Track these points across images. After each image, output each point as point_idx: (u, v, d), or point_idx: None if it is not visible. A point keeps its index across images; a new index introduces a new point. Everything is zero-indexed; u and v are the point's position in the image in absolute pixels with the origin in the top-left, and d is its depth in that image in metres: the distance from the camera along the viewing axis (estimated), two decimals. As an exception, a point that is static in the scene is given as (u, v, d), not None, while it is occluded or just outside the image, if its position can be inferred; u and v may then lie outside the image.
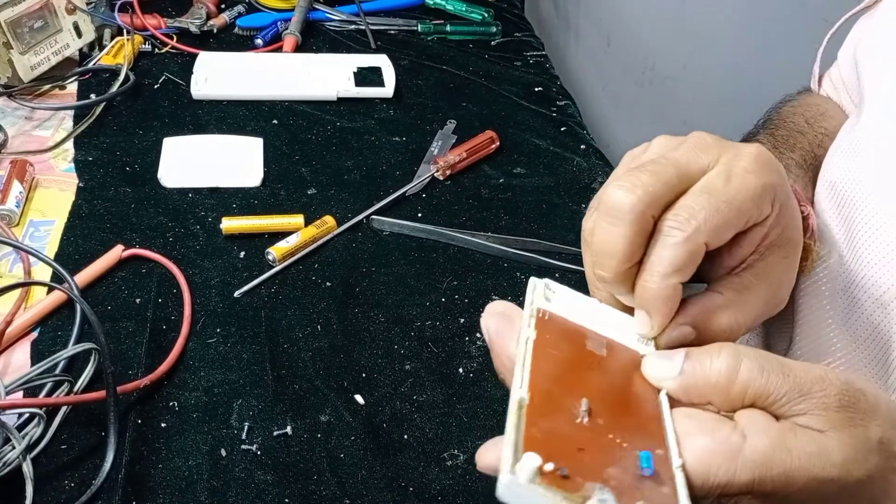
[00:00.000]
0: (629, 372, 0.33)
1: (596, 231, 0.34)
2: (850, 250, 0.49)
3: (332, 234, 0.63)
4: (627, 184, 0.33)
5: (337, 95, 0.79)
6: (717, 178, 0.33)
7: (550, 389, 0.31)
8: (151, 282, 0.58)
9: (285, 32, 0.87)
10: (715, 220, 0.33)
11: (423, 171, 0.71)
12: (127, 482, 0.45)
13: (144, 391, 0.50)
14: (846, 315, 0.49)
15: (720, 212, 0.33)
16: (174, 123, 0.73)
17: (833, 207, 0.52)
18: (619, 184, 0.33)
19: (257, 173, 0.68)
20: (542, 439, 0.29)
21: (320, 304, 0.58)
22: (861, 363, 0.48)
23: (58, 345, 0.52)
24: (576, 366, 0.33)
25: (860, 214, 0.49)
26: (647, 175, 0.34)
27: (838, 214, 0.51)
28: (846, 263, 0.49)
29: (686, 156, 0.35)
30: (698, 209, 0.33)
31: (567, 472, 0.27)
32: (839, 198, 0.51)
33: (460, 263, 0.63)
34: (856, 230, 0.49)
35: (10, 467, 0.42)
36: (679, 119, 0.78)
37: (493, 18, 0.96)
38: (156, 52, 0.82)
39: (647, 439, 0.30)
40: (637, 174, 0.34)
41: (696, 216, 0.32)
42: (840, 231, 0.50)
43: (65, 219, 0.62)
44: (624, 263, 0.33)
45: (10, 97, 0.72)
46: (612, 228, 0.33)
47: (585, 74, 1.37)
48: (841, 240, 0.50)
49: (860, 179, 0.49)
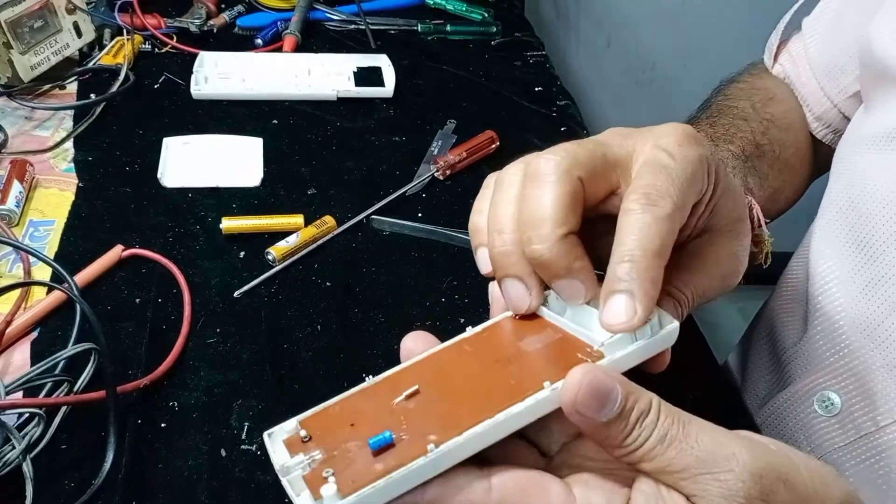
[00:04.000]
0: (536, 369, 0.33)
1: (524, 201, 0.33)
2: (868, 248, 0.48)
3: (332, 234, 0.63)
4: (548, 153, 0.33)
5: (337, 95, 0.79)
6: (662, 155, 0.33)
7: (411, 376, 0.33)
8: (151, 282, 0.58)
9: (285, 32, 0.87)
10: (682, 199, 0.32)
11: (423, 171, 0.71)
12: (127, 482, 0.45)
13: (144, 391, 0.50)
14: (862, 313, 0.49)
15: (683, 189, 0.32)
16: (174, 123, 0.73)
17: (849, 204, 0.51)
18: (541, 154, 0.33)
19: (257, 173, 0.68)
20: (335, 412, 0.32)
21: (320, 304, 0.58)
22: (876, 364, 0.48)
23: (58, 345, 0.52)
24: (469, 360, 0.34)
25: (883, 213, 0.48)
26: (569, 144, 0.33)
27: (854, 211, 0.50)
28: (864, 263, 0.49)
29: (604, 137, 0.35)
30: (665, 186, 0.32)
31: (310, 437, 0.31)
32: (857, 194, 0.50)
33: (460, 263, 0.63)
34: (876, 229, 0.48)
35: (10, 467, 0.42)
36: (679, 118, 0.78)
37: (493, 18, 0.96)
38: (156, 52, 0.82)
39: (434, 426, 0.30)
40: (556, 147, 0.33)
41: (667, 193, 0.32)
42: (855, 228, 0.50)
43: (65, 219, 0.62)
44: (558, 227, 0.32)
45: (10, 97, 0.72)
46: (539, 192, 0.32)
47: (585, 74, 1.37)
48: (857, 237, 0.49)
49: (889, 176, 0.48)
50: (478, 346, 0.34)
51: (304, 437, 0.31)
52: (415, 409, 0.31)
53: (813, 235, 0.55)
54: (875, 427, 0.48)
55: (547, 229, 0.31)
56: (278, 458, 0.30)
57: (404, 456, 0.29)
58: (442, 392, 0.32)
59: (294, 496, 0.29)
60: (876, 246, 0.48)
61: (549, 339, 0.34)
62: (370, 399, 0.33)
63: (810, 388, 0.52)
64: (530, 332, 0.35)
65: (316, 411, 0.32)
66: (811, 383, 0.52)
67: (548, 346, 0.34)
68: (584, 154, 0.33)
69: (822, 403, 0.51)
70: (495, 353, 0.34)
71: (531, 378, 0.31)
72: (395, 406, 0.31)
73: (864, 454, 0.49)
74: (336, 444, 0.30)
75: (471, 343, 0.35)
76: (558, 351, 0.33)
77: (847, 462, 0.50)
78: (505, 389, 0.31)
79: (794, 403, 0.54)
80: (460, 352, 0.34)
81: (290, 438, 0.31)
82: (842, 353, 0.50)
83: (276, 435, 0.32)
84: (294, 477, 0.30)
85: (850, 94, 0.59)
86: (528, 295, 0.34)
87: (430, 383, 0.32)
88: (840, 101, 0.60)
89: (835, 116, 0.61)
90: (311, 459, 0.30)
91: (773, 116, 0.61)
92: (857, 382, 0.49)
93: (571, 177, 0.32)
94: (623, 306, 0.31)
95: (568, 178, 0.32)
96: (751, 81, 0.65)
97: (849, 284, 0.50)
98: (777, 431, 0.55)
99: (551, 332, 0.34)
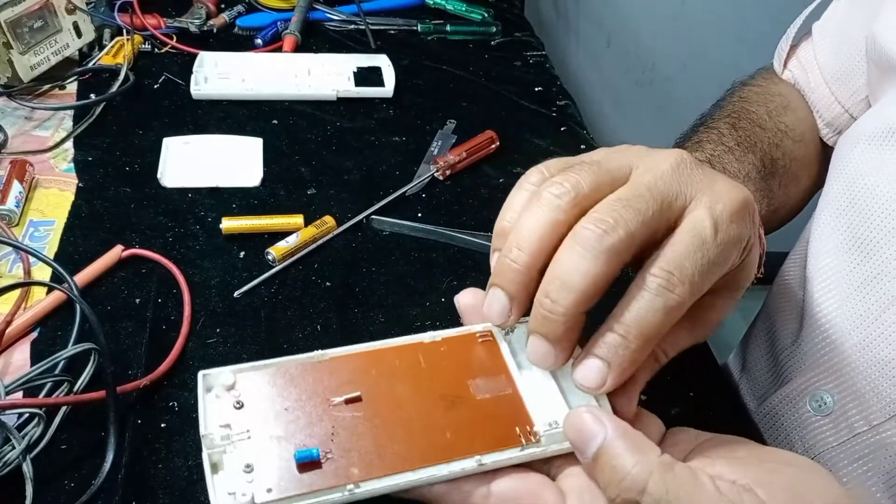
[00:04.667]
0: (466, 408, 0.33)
1: (562, 255, 0.32)
2: (867, 245, 0.48)
3: (332, 234, 0.63)
4: (607, 215, 0.32)
5: (337, 95, 0.79)
6: (706, 226, 0.32)
7: (358, 371, 0.34)
8: (151, 282, 0.58)
9: (285, 32, 0.87)
10: (702, 284, 0.31)
11: (423, 171, 0.71)
12: (127, 482, 0.45)
13: (144, 391, 0.50)
14: (855, 312, 0.49)
15: (709, 273, 0.31)
16: (174, 123, 0.73)
17: (847, 202, 0.51)
18: (598, 211, 0.32)
19: (257, 173, 0.68)
20: (273, 379, 0.32)
21: (320, 304, 0.58)
22: (868, 363, 0.48)
23: (58, 345, 0.52)
24: (418, 382, 0.34)
25: (880, 210, 0.48)
26: (631, 201, 0.32)
27: (853, 208, 0.50)
28: (860, 261, 0.48)
29: (667, 179, 0.33)
30: (691, 271, 0.31)
31: (242, 404, 0.31)
32: (856, 191, 0.50)
33: (460, 263, 0.63)
34: (873, 226, 0.48)
35: (10, 467, 0.42)
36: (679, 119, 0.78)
37: (493, 18, 0.96)
38: (155, 52, 0.82)
39: (360, 457, 0.31)
40: (617, 202, 0.32)
41: (689, 279, 0.31)
42: (852, 226, 0.50)
43: (64, 219, 0.62)
44: (581, 304, 0.31)
45: (9, 97, 0.72)
46: (580, 261, 0.31)
47: (585, 74, 1.37)
48: (856, 235, 0.49)
49: (888, 172, 0.48)
50: (432, 362, 0.34)
51: (236, 403, 0.31)
52: (349, 423, 0.32)
53: (811, 234, 0.55)
54: (868, 426, 0.48)
55: (570, 299, 0.31)
56: (208, 422, 0.31)
57: (323, 483, 0.29)
58: (379, 412, 0.32)
59: (208, 472, 0.29)
60: (873, 243, 0.47)
61: (499, 390, 0.34)
62: (312, 379, 0.33)
63: (804, 388, 0.52)
64: (484, 370, 0.35)
65: (255, 369, 0.33)
66: (805, 383, 0.52)
67: (494, 401, 0.34)
68: (643, 230, 0.31)
69: (815, 403, 0.51)
70: (444, 386, 0.34)
71: (465, 440, 0.32)
72: (331, 407, 0.32)
73: (857, 453, 0.49)
74: (264, 430, 0.31)
75: (427, 355, 0.35)
76: (501, 414, 0.33)
77: (841, 461, 0.50)
78: (438, 441, 0.32)
79: (788, 403, 0.54)
80: (414, 364, 0.34)
81: (223, 397, 0.32)
82: (835, 352, 0.50)
83: (213, 385, 0.32)
84: (215, 451, 0.30)
85: (860, 98, 0.59)
86: (507, 315, 0.34)
87: (372, 394, 0.33)
88: (851, 106, 0.60)
89: (846, 122, 0.61)
90: (238, 437, 0.30)
91: (787, 127, 0.60)
92: (850, 381, 0.49)
93: (619, 261, 0.31)
94: (597, 372, 0.32)
95: (615, 261, 0.31)
96: (765, 86, 0.64)
97: (844, 283, 0.50)
98: (772, 431, 0.55)
99: (504, 381, 0.34)
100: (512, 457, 0.32)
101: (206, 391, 0.32)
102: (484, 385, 0.34)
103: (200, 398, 0.31)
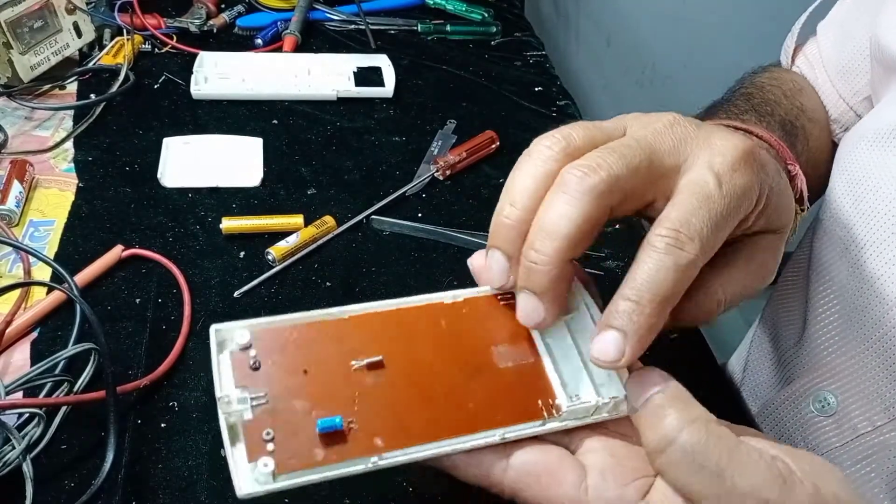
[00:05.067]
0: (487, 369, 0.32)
1: (546, 205, 0.31)
2: (871, 246, 0.48)
3: (332, 234, 0.63)
4: (591, 161, 0.31)
5: (337, 95, 0.79)
6: (709, 180, 0.31)
7: (379, 330, 0.32)
8: (151, 282, 0.58)
9: (285, 32, 0.87)
10: (714, 239, 0.31)
11: (423, 171, 0.71)
12: (127, 482, 0.45)
13: (144, 391, 0.50)
14: (858, 313, 0.49)
15: (719, 227, 0.30)
16: (174, 123, 0.73)
17: (850, 202, 0.50)
18: (585, 160, 0.31)
19: (257, 173, 0.68)
20: (291, 337, 0.31)
21: (320, 304, 0.57)
22: (871, 364, 0.48)
23: (58, 345, 0.52)
24: (440, 347, 0.33)
25: (884, 210, 0.48)
26: (618, 149, 0.31)
27: (856, 209, 0.50)
28: (864, 262, 0.48)
29: (658, 136, 0.32)
30: (699, 226, 0.30)
31: (259, 364, 0.30)
32: (859, 191, 0.50)
33: (460, 263, 0.63)
34: (877, 226, 0.48)
35: (10, 467, 0.42)
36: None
37: (493, 18, 0.96)
38: (156, 52, 0.82)
39: (384, 425, 0.30)
40: (604, 151, 0.31)
41: (698, 234, 0.30)
42: (856, 226, 0.49)
43: (64, 219, 0.62)
44: (565, 251, 0.31)
45: (9, 97, 0.72)
46: (563, 206, 0.31)
47: (585, 74, 1.37)
48: (859, 236, 0.49)
49: (892, 173, 0.47)
50: (453, 325, 0.33)
51: (252, 362, 0.30)
52: (371, 389, 0.31)
53: (814, 233, 0.55)
54: (871, 427, 0.48)
55: (553, 247, 0.30)
56: (224, 383, 0.30)
57: (347, 453, 0.29)
58: (402, 379, 0.31)
59: (228, 443, 0.28)
60: (877, 244, 0.47)
61: (521, 359, 0.33)
62: (331, 339, 0.31)
63: (807, 389, 0.52)
64: (506, 334, 0.34)
65: (272, 325, 0.31)
66: (808, 383, 0.52)
67: (517, 370, 0.33)
68: (627, 174, 0.31)
69: (819, 403, 0.51)
70: (466, 352, 0.33)
71: (488, 411, 0.31)
72: (352, 372, 0.31)
73: (860, 454, 0.49)
74: (284, 395, 0.30)
75: (448, 317, 0.33)
76: (523, 385, 0.33)
77: (844, 462, 0.50)
78: (460, 412, 0.31)
79: (791, 403, 0.54)
80: (436, 326, 0.33)
81: (238, 354, 0.30)
82: (838, 353, 0.50)
83: (226, 341, 0.31)
84: (234, 416, 0.29)
85: (864, 97, 0.59)
86: (507, 276, 0.33)
87: (394, 359, 0.32)
88: (855, 104, 0.60)
89: (851, 119, 0.61)
90: (256, 401, 0.29)
91: (804, 106, 0.59)
92: (853, 382, 0.49)
93: (602, 203, 0.30)
94: (614, 345, 0.30)
95: (598, 204, 0.30)
96: (776, 73, 0.63)
97: (847, 283, 0.49)
98: (776, 431, 0.55)
99: (526, 349, 0.34)
100: (534, 431, 0.31)
101: (219, 350, 0.30)
102: (506, 353, 0.33)
103: (214, 357, 0.30)
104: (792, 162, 0.42)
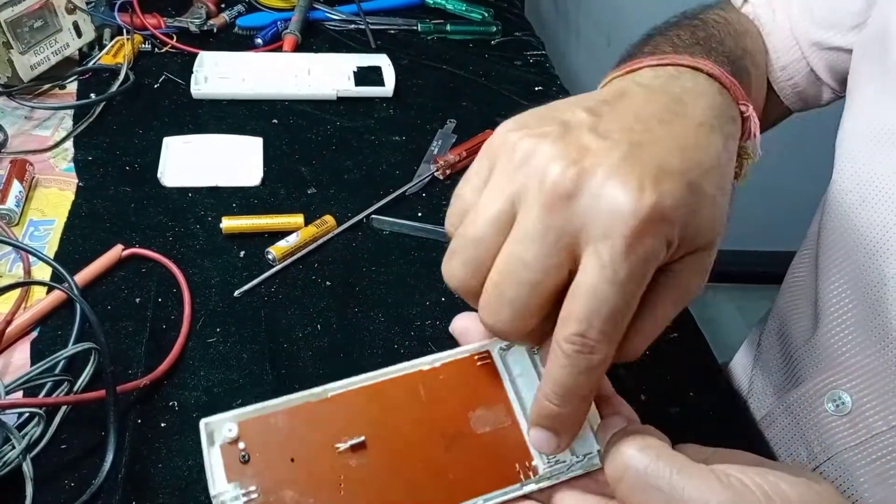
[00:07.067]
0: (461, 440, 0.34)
1: (508, 253, 0.32)
2: (878, 247, 0.48)
3: (332, 233, 0.63)
4: None
5: (337, 95, 0.79)
6: (600, 281, 0.29)
7: (359, 408, 0.34)
8: (151, 281, 0.58)
9: (285, 32, 0.87)
10: (623, 322, 0.30)
11: (423, 171, 0.71)
12: (127, 482, 0.45)
13: (144, 391, 0.50)
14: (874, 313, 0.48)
15: (626, 311, 0.30)
16: (174, 123, 0.73)
17: (857, 200, 0.50)
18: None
19: (257, 173, 0.68)
20: (276, 426, 0.32)
21: (320, 304, 0.58)
22: (888, 362, 0.48)
23: (58, 344, 0.52)
24: (418, 420, 0.34)
25: (893, 212, 0.47)
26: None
27: (862, 208, 0.49)
28: (879, 261, 0.48)
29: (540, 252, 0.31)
30: (601, 326, 0.30)
31: (248, 457, 0.31)
32: (867, 192, 0.49)
33: (460, 263, 0.63)
34: (886, 227, 0.48)
35: (10, 467, 0.42)
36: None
37: (493, 18, 0.96)
38: (156, 52, 0.82)
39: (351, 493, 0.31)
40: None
41: (601, 334, 0.30)
42: (864, 226, 0.49)
43: (64, 218, 0.62)
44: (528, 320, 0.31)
45: (9, 97, 0.72)
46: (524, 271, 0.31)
47: (585, 74, 1.37)
48: (867, 235, 0.49)
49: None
50: (432, 393, 0.35)
51: (242, 455, 0.31)
52: (355, 472, 0.32)
53: (820, 232, 0.54)
54: (886, 426, 0.48)
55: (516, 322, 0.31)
56: (217, 480, 0.31)
57: None
58: (384, 458, 0.33)
59: None
60: (888, 244, 0.47)
61: (498, 423, 0.34)
62: (315, 422, 0.33)
63: (821, 387, 0.52)
64: (484, 399, 0.35)
65: (256, 415, 0.32)
66: (822, 382, 0.51)
67: (493, 434, 0.34)
68: (538, 295, 0.31)
69: (834, 403, 0.51)
70: (445, 421, 0.34)
71: (467, 479, 0.33)
72: (337, 455, 0.32)
73: (875, 453, 0.48)
74: (274, 487, 0.31)
75: (426, 385, 0.35)
76: (501, 449, 0.34)
77: (858, 461, 0.49)
78: (441, 484, 0.32)
79: (805, 402, 0.53)
80: (415, 396, 0.34)
81: (228, 448, 0.31)
82: (853, 352, 0.50)
83: (215, 433, 0.32)
84: None
85: (826, 47, 0.56)
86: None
87: (376, 436, 0.33)
88: (811, 54, 0.58)
89: (801, 69, 0.59)
90: (248, 497, 0.30)
91: (748, 48, 0.56)
92: (869, 381, 0.49)
93: (530, 322, 0.31)
94: (546, 441, 0.33)
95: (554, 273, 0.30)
96: (723, 14, 0.59)
97: (859, 282, 0.49)
98: (789, 430, 0.55)
99: (503, 412, 0.35)
100: (512, 495, 0.33)
101: (209, 442, 0.32)
102: (483, 417, 0.35)
103: (205, 451, 0.31)
104: (744, 101, 0.40)
